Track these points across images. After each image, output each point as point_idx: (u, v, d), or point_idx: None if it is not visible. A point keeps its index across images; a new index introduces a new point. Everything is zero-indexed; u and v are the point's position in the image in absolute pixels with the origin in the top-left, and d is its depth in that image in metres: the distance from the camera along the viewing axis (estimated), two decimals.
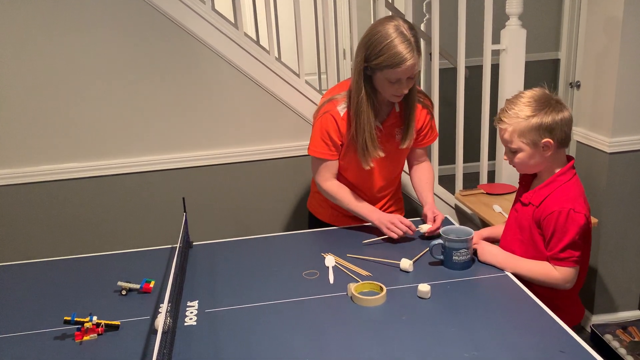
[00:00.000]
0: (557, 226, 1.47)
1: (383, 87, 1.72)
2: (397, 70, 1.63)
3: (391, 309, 1.44)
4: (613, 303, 2.61)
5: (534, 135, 1.47)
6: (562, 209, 1.46)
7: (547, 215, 1.49)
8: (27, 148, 2.44)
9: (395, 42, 1.61)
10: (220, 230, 2.66)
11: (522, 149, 1.50)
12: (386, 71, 1.65)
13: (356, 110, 1.75)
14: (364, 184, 1.95)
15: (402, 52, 1.61)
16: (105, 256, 1.86)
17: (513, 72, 2.49)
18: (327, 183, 1.90)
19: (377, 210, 1.88)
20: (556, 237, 1.48)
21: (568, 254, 1.48)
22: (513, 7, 2.42)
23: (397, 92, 1.71)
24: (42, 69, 2.35)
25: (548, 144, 1.47)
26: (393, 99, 1.76)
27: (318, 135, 1.84)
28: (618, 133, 2.36)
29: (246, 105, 2.54)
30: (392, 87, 1.70)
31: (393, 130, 1.87)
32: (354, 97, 1.75)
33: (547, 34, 4.12)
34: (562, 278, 1.51)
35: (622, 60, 2.27)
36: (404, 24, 1.65)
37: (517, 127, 1.48)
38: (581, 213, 1.47)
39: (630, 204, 2.48)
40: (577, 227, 1.46)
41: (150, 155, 2.54)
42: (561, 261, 1.50)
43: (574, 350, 1.23)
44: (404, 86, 1.70)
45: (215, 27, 2.41)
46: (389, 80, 1.68)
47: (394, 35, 1.61)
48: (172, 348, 1.28)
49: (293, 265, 1.71)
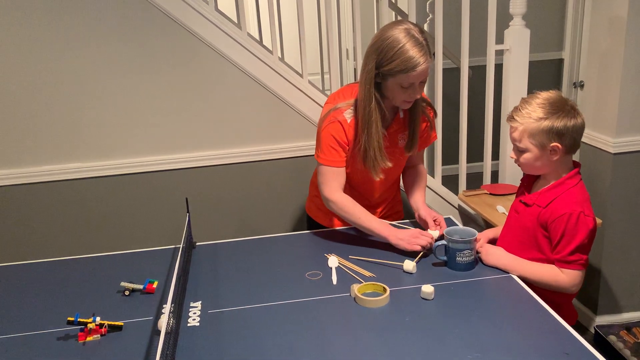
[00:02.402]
0: (567, 229, 1.46)
1: (394, 93, 1.67)
2: (410, 74, 1.59)
3: (394, 310, 1.44)
4: (617, 304, 2.60)
5: (543, 138, 1.46)
6: (572, 212, 1.46)
7: (557, 217, 1.48)
8: (29, 148, 2.44)
9: (408, 47, 1.57)
10: (224, 231, 2.66)
11: (529, 149, 1.50)
12: (399, 76, 1.61)
13: (367, 121, 1.69)
14: (366, 190, 1.93)
15: (415, 56, 1.57)
16: (108, 256, 1.86)
17: (517, 72, 2.48)
18: (336, 196, 1.80)
19: (391, 227, 1.77)
20: (565, 240, 1.47)
21: (577, 257, 1.48)
22: (517, 7, 2.41)
23: (409, 98, 1.67)
24: (45, 69, 2.35)
25: (556, 148, 1.47)
26: (404, 105, 1.71)
27: (327, 143, 1.77)
28: (622, 133, 2.35)
29: (249, 105, 2.53)
30: (404, 93, 1.65)
31: (396, 137, 1.83)
32: (364, 107, 1.69)
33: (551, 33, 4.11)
34: (569, 281, 1.50)
35: (626, 60, 2.26)
36: (414, 27, 1.61)
37: (527, 127, 1.47)
38: (590, 217, 1.47)
39: (635, 204, 2.47)
40: (587, 230, 1.46)
41: (154, 155, 2.54)
42: (569, 264, 1.49)
43: (578, 352, 1.23)
44: (417, 91, 1.65)
45: (219, 27, 2.41)
46: (402, 86, 1.63)
47: (406, 40, 1.57)
48: (175, 349, 1.28)
49: (296, 266, 1.70)
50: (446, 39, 2.65)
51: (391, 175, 1.93)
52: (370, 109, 1.68)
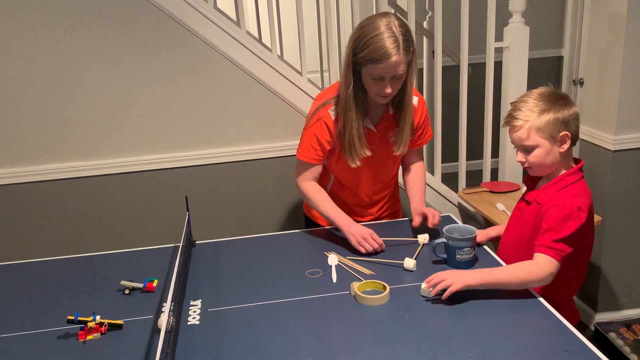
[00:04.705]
0: (559, 218, 1.44)
1: (368, 84, 1.66)
2: (379, 66, 1.58)
3: (394, 308, 1.44)
4: (617, 301, 2.61)
5: (552, 129, 1.45)
6: (566, 204, 1.44)
7: (550, 207, 1.46)
8: (28, 147, 2.44)
9: (382, 37, 1.55)
10: (223, 229, 2.66)
11: (539, 144, 1.47)
12: (370, 66, 1.60)
13: (344, 106, 1.70)
14: (359, 187, 1.92)
15: (386, 47, 1.55)
16: (108, 255, 1.86)
17: (516, 70, 2.48)
18: (305, 183, 1.87)
19: (348, 218, 1.79)
20: (554, 230, 1.44)
21: (560, 247, 1.43)
22: (516, 4, 2.41)
23: (380, 92, 1.65)
24: (43, 67, 2.35)
25: (565, 137, 1.46)
26: (377, 98, 1.70)
27: (308, 141, 1.81)
28: (622, 131, 2.35)
29: (249, 103, 2.53)
30: (375, 85, 1.64)
31: (387, 133, 1.82)
32: (342, 92, 1.70)
33: (551, 31, 4.10)
34: (543, 270, 1.42)
35: (626, 57, 2.26)
36: (396, 20, 1.59)
37: (533, 123, 1.46)
38: (584, 213, 1.45)
39: (634, 201, 2.47)
40: (578, 224, 1.44)
41: (153, 154, 2.54)
42: (551, 250, 1.43)
43: (578, 349, 1.23)
44: (387, 85, 1.63)
45: (218, 25, 2.40)
46: (373, 77, 1.62)
47: (382, 30, 1.56)
48: (175, 347, 1.28)
49: (296, 264, 1.70)
50: (446, 37, 2.65)
51: (382, 172, 1.92)
52: (347, 94, 1.69)
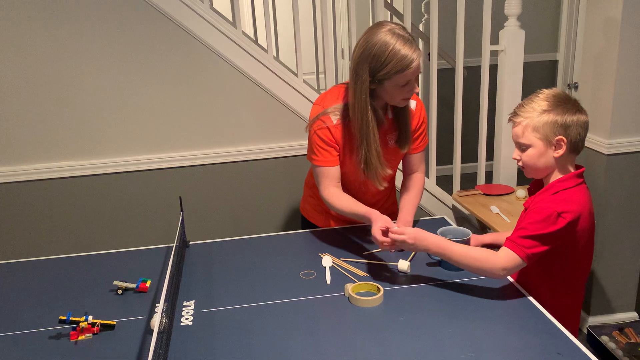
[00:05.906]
0: (534, 219, 1.40)
1: (392, 94, 1.68)
2: (407, 72, 1.61)
3: (388, 309, 1.44)
4: (610, 304, 2.62)
5: (548, 131, 1.41)
6: (546, 207, 1.40)
7: (532, 209, 1.43)
8: (23, 146, 2.43)
9: (398, 46, 1.58)
10: (217, 230, 2.65)
11: (533, 144, 1.43)
12: (396, 77, 1.62)
13: (365, 132, 1.70)
14: (359, 192, 1.91)
15: (407, 53, 1.59)
16: (101, 255, 1.85)
17: (511, 73, 2.49)
18: (328, 192, 1.81)
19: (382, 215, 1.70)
20: (525, 228, 1.41)
21: (528, 244, 1.39)
22: (512, 8, 2.42)
23: (408, 95, 1.69)
24: (39, 67, 2.34)
25: (561, 142, 1.41)
26: (402, 103, 1.72)
27: (317, 145, 1.78)
28: (616, 135, 2.36)
29: (244, 104, 2.53)
30: (402, 91, 1.67)
31: (385, 137, 1.83)
32: (361, 118, 1.69)
33: (546, 35, 4.13)
34: (499, 261, 1.40)
35: (620, 61, 2.27)
36: (396, 25, 1.63)
37: (531, 121, 1.42)
38: (566, 219, 1.38)
39: (627, 205, 2.48)
40: (553, 228, 1.38)
41: (147, 154, 2.53)
42: (514, 245, 1.40)
43: (571, 352, 1.23)
44: (414, 85, 1.67)
45: (214, 25, 2.40)
46: (399, 85, 1.64)
47: (394, 40, 1.59)
48: (167, 348, 1.28)
49: (290, 266, 1.70)
50: (441, 40, 2.65)
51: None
52: (367, 119, 1.69)
